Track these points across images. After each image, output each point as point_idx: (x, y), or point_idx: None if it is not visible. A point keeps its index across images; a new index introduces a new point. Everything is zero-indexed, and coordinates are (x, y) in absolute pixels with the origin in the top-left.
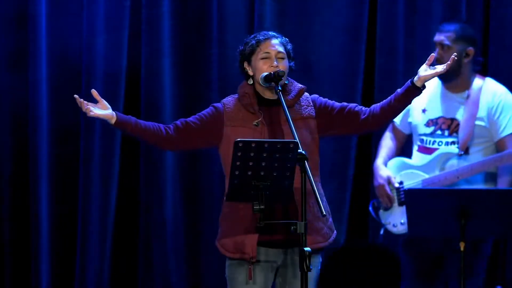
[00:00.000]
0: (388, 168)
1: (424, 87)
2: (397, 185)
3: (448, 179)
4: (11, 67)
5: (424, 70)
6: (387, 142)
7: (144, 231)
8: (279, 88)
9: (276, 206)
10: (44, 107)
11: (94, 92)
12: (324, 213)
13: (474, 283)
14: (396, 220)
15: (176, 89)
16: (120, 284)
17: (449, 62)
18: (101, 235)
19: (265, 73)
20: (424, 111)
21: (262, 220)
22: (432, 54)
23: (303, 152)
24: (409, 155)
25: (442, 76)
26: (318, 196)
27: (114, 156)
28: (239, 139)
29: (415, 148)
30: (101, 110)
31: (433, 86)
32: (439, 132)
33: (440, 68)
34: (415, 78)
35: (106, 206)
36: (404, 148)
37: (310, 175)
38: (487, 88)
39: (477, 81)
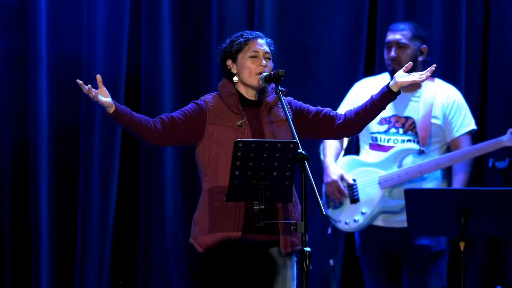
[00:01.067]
0: (338, 166)
1: (399, 92)
2: (351, 181)
3: (410, 174)
4: (11, 67)
5: (400, 76)
6: (331, 143)
7: (144, 230)
8: (280, 88)
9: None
10: (44, 107)
11: (98, 77)
12: (324, 213)
13: (438, 280)
14: (349, 217)
15: (176, 89)
16: (120, 284)
17: (428, 74)
18: (101, 235)
19: (265, 74)
20: None
21: (262, 220)
22: (410, 62)
23: (303, 152)
24: (350, 153)
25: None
26: (318, 196)
27: (114, 156)
28: (239, 139)
29: (365, 146)
30: (103, 96)
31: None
32: (393, 130)
33: (417, 77)
34: (391, 83)
35: (106, 206)
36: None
37: (310, 175)
38: (440, 88)
39: (427, 80)
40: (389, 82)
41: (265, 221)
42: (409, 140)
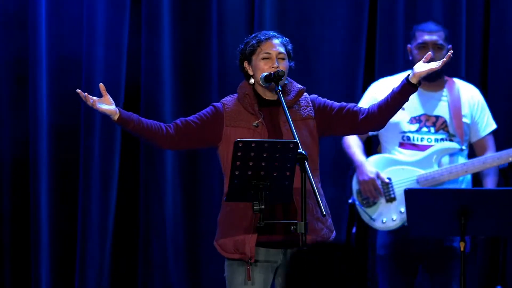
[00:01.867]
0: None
1: (420, 83)
2: (386, 180)
3: (453, 173)
4: (11, 67)
5: (419, 67)
6: (356, 141)
7: (144, 230)
8: (279, 88)
9: (276, 206)
10: (44, 107)
11: (101, 86)
12: (324, 213)
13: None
14: (386, 216)
15: (176, 90)
16: (120, 284)
17: (445, 59)
18: (101, 235)
19: (265, 73)
20: (403, 109)
21: (262, 220)
22: (429, 52)
23: (303, 152)
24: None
25: (428, 75)
26: (318, 196)
27: (114, 156)
28: (239, 139)
29: (393, 145)
30: (106, 105)
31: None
32: (425, 129)
33: (435, 64)
34: (410, 75)
35: (106, 206)
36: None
37: (310, 175)
38: (463, 87)
39: (449, 80)
40: (408, 75)
41: (265, 221)
42: (442, 139)
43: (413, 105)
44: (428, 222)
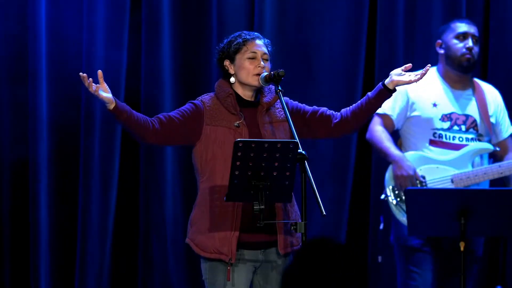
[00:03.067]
0: None
1: (395, 90)
2: (421, 179)
3: (488, 174)
4: (11, 67)
5: (397, 74)
6: (385, 135)
7: (144, 231)
8: (279, 88)
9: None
10: (44, 107)
11: (99, 72)
12: (324, 213)
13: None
14: None
15: (176, 89)
16: (120, 284)
17: (424, 72)
18: (101, 235)
19: (265, 73)
20: (435, 105)
21: (262, 220)
22: (410, 64)
23: (303, 152)
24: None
25: (465, 67)
26: (318, 196)
27: (114, 156)
28: (239, 139)
29: (424, 142)
30: (104, 92)
31: (434, 81)
32: (456, 127)
33: (413, 76)
34: (387, 81)
35: (106, 206)
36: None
37: (310, 175)
38: (487, 87)
39: (474, 80)
40: (385, 80)
41: (265, 221)
42: (472, 139)
43: (444, 102)
44: (428, 222)
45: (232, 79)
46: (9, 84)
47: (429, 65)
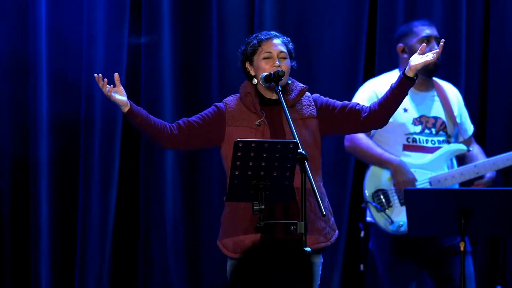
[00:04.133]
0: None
1: (417, 76)
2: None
3: (465, 175)
4: (11, 67)
5: (415, 59)
6: (371, 141)
7: (144, 230)
8: (279, 88)
9: (277, 206)
10: (44, 107)
11: (116, 75)
12: (324, 213)
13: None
14: (403, 219)
15: (176, 89)
16: (120, 284)
17: (439, 50)
18: (101, 235)
19: (265, 73)
20: (405, 110)
21: (262, 220)
22: (424, 44)
23: (303, 152)
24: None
25: (429, 70)
26: (318, 196)
27: (114, 156)
28: (239, 139)
29: (397, 147)
30: (118, 95)
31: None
32: (427, 131)
33: (430, 55)
34: (406, 69)
35: (106, 206)
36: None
37: (310, 175)
38: (447, 86)
39: (435, 80)
40: (405, 69)
41: (265, 221)
42: (443, 141)
43: (412, 106)
44: (428, 222)
45: (255, 81)
46: (9, 84)
47: (443, 40)
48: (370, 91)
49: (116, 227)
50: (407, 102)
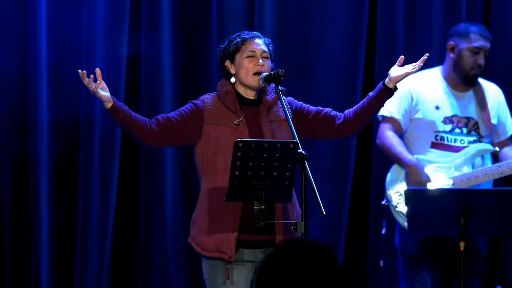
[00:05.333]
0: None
1: (396, 88)
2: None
3: (488, 175)
4: (11, 67)
5: (395, 71)
6: (397, 140)
7: (144, 231)
8: (279, 88)
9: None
10: (44, 107)
11: (97, 71)
12: (324, 213)
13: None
14: None
15: (176, 89)
16: (120, 284)
17: (421, 64)
18: (101, 235)
19: (265, 73)
20: (437, 108)
21: (262, 220)
22: (402, 56)
23: (303, 152)
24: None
25: (470, 80)
26: (318, 196)
27: (114, 156)
28: (239, 139)
29: (426, 145)
30: (103, 91)
31: (437, 82)
32: (457, 130)
33: (410, 68)
34: (386, 80)
35: (106, 206)
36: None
37: (310, 175)
38: (489, 87)
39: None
40: (385, 79)
41: (265, 221)
42: (474, 141)
43: (446, 105)
44: (428, 222)
45: (233, 79)
46: (9, 84)
47: (427, 54)
48: (406, 91)
49: (116, 227)
50: (440, 99)
